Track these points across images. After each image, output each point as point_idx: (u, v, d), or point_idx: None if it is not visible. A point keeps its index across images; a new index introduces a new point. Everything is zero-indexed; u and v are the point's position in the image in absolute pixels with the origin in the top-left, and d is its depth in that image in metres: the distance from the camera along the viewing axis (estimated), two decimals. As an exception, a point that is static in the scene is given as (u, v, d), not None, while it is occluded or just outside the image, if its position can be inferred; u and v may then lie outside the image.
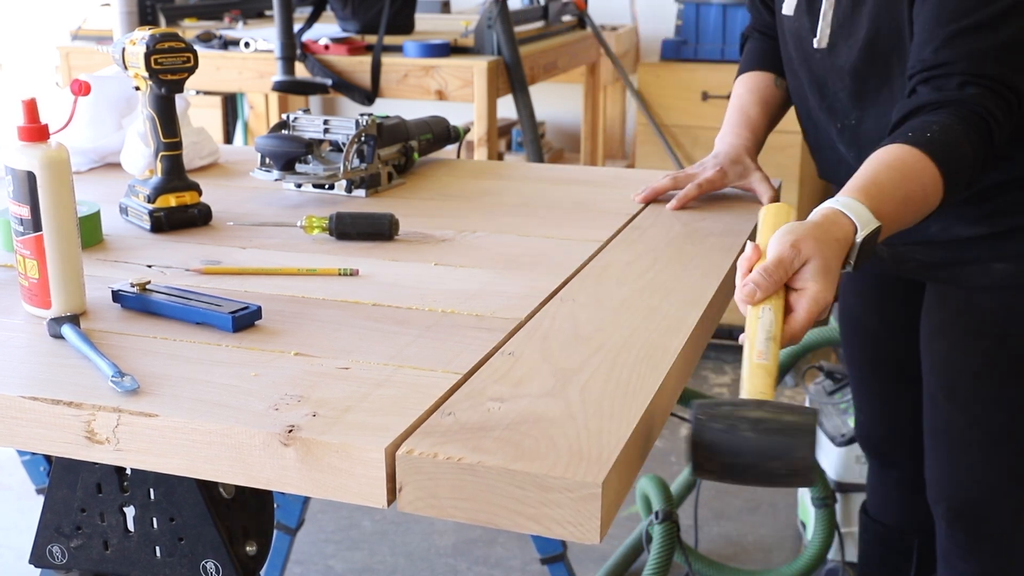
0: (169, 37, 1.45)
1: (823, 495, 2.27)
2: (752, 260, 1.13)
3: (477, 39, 2.95)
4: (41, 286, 1.17)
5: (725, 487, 2.83)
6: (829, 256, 1.12)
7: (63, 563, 1.16)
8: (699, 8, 3.61)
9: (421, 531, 2.65)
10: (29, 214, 1.15)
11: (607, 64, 3.75)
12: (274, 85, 2.89)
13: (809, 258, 1.11)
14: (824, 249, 1.12)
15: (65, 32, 3.40)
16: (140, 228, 1.51)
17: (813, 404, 2.53)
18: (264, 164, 1.67)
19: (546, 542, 2.18)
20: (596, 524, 0.84)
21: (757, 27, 1.76)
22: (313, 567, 2.53)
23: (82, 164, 1.86)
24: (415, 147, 1.81)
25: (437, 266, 1.35)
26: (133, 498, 1.12)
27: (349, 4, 3.04)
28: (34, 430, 0.98)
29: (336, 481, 0.89)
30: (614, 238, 1.46)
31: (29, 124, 1.15)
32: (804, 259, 1.11)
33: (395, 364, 1.05)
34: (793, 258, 1.10)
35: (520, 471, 0.85)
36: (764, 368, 1.02)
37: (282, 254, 1.40)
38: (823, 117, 1.57)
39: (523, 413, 0.94)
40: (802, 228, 1.13)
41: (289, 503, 2.23)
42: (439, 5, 3.93)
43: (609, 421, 0.93)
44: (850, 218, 1.17)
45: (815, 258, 1.11)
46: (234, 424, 0.92)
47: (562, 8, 3.53)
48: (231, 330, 1.12)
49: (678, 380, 1.09)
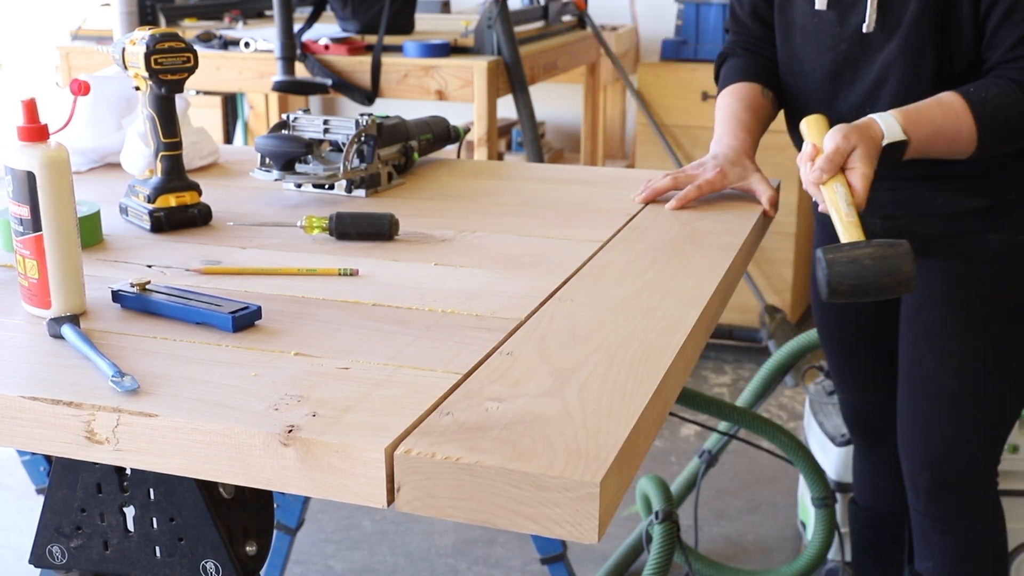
0: (169, 37, 1.45)
1: (823, 495, 2.26)
2: (811, 155, 1.45)
3: (477, 39, 2.96)
4: (41, 286, 1.17)
5: (725, 487, 2.83)
6: (871, 145, 1.44)
7: (63, 563, 1.16)
8: (699, 8, 3.61)
9: (421, 531, 2.65)
10: (29, 214, 1.15)
11: (607, 64, 3.75)
12: (274, 85, 2.89)
13: (856, 145, 1.43)
14: (867, 140, 1.44)
15: (65, 32, 3.40)
16: (140, 228, 1.51)
17: (813, 404, 2.53)
18: (264, 164, 1.68)
19: (546, 542, 2.18)
20: (594, 524, 0.84)
21: (741, 45, 1.79)
22: (313, 567, 2.53)
23: (82, 164, 1.86)
24: (415, 147, 1.81)
25: (437, 266, 1.35)
26: (133, 498, 1.12)
27: (349, 4, 3.04)
28: (34, 430, 0.98)
29: (336, 481, 0.89)
30: (614, 238, 1.46)
31: (29, 124, 1.15)
32: (852, 146, 1.43)
33: (395, 364, 1.05)
34: (846, 146, 1.42)
35: (518, 471, 0.85)
36: (854, 223, 1.39)
37: (282, 254, 1.40)
38: (839, 108, 1.63)
39: (521, 413, 0.94)
40: (849, 126, 1.44)
41: (289, 503, 2.23)
42: (439, 5, 3.93)
43: (607, 421, 0.93)
44: (880, 125, 1.45)
45: (860, 145, 1.43)
46: (234, 424, 0.92)
47: (562, 8, 3.53)
48: (231, 330, 1.12)
49: (676, 380, 1.09)
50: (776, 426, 2.26)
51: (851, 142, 1.43)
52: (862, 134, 1.44)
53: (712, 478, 2.80)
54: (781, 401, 3.34)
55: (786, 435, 2.25)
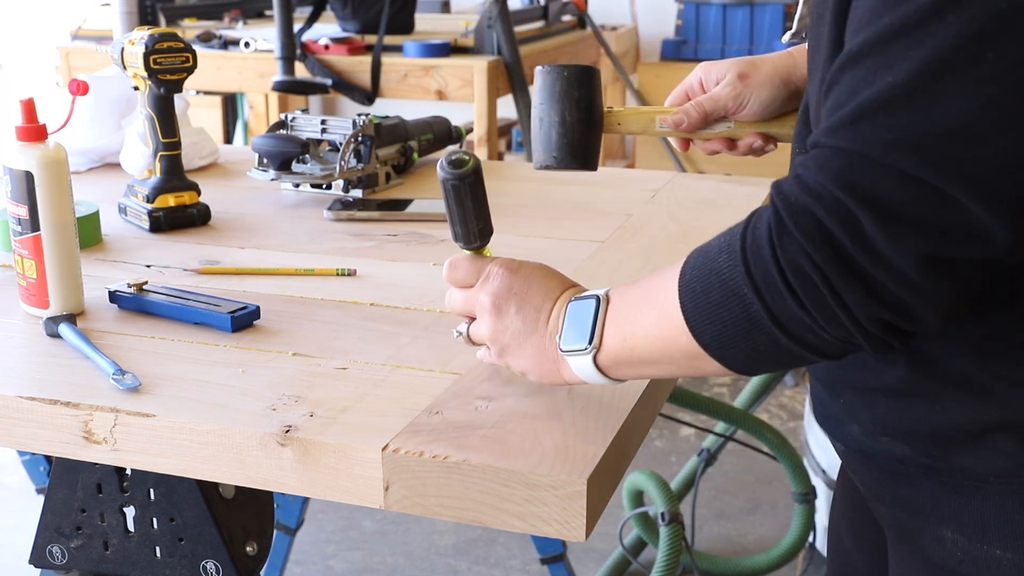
0: (168, 37, 1.45)
1: (804, 491, 2.35)
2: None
3: (477, 39, 2.95)
4: (39, 286, 1.17)
5: (724, 487, 2.83)
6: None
7: (63, 563, 1.16)
8: (699, 8, 3.61)
9: (421, 531, 2.65)
10: (27, 214, 1.15)
11: (607, 64, 3.75)
12: (274, 85, 2.89)
13: None
14: None
15: (65, 32, 3.40)
16: (139, 228, 1.51)
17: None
18: (261, 164, 1.68)
19: (546, 542, 2.18)
20: (581, 522, 0.84)
21: None
22: (313, 567, 2.53)
23: (81, 164, 1.86)
24: (415, 147, 1.81)
25: (435, 266, 1.35)
26: (133, 498, 1.12)
27: (349, 4, 3.04)
28: (32, 430, 0.98)
29: (333, 481, 0.89)
30: (612, 237, 1.46)
31: (27, 124, 1.15)
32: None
33: (393, 364, 1.05)
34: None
35: (505, 469, 0.85)
36: None
37: (280, 254, 1.40)
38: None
39: (510, 411, 0.94)
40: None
41: (289, 503, 2.23)
42: (439, 5, 3.93)
43: (595, 419, 0.93)
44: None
45: None
46: (231, 424, 0.92)
47: (562, 8, 3.53)
48: (229, 330, 1.12)
49: (667, 379, 1.09)
50: (762, 423, 2.32)
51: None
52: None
53: (711, 478, 2.79)
54: (781, 401, 3.34)
55: (772, 432, 2.32)
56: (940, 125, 0.73)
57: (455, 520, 0.87)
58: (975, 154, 0.73)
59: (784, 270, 0.77)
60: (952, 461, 0.90)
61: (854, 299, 0.76)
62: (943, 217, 0.74)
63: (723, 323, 0.81)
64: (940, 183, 0.73)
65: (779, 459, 2.33)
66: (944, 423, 0.88)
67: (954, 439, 0.88)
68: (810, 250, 0.75)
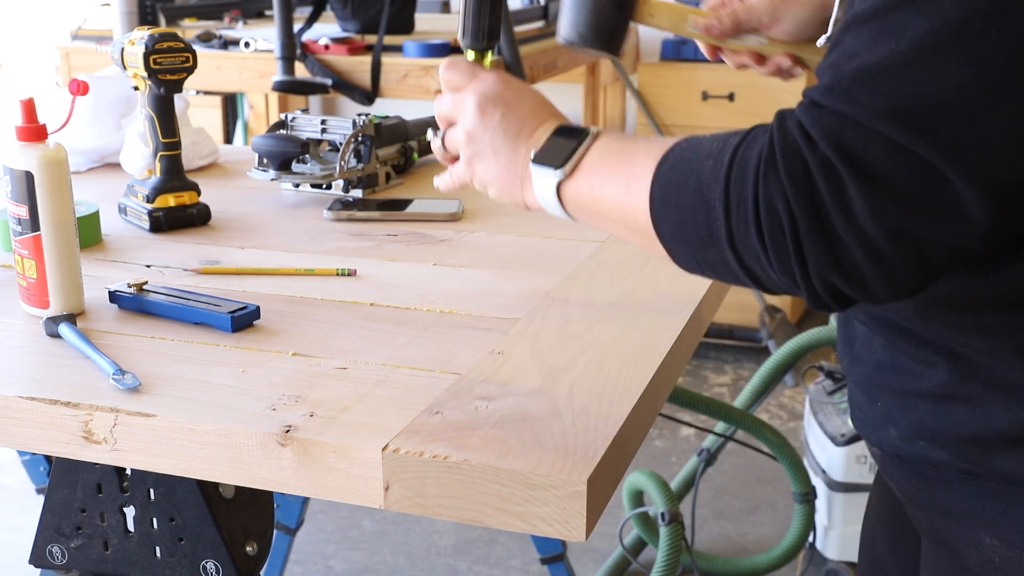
0: (168, 37, 1.45)
1: (804, 491, 2.35)
2: None
3: (477, 39, 2.95)
4: (39, 286, 1.17)
5: (724, 487, 2.83)
6: None
7: (63, 563, 1.16)
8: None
9: (421, 531, 2.65)
10: (27, 214, 1.15)
11: (607, 64, 3.75)
12: (274, 85, 2.89)
13: None
14: None
15: (65, 32, 3.40)
16: (139, 228, 1.51)
17: (813, 404, 2.53)
18: (261, 164, 1.68)
19: (546, 542, 2.18)
20: (582, 522, 0.84)
21: None
22: (313, 567, 2.53)
23: (81, 164, 1.86)
24: (415, 147, 1.81)
25: (435, 266, 1.35)
26: (133, 498, 1.12)
27: (349, 4, 3.04)
28: (32, 430, 0.98)
29: (333, 481, 0.89)
30: (612, 237, 1.46)
31: (27, 124, 1.15)
32: None
33: (393, 364, 1.05)
34: None
35: (506, 469, 0.85)
36: None
37: (280, 254, 1.40)
38: None
39: (510, 411, 0.94)
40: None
41: (289, 503, 2.23)
42: (439, 5, 3.93)
43: (596, 419, 0.93)
44: None
45: None
46: (231, 424, 0.92)
47: (562, 8, 3.53)
48: (230, 330, 1.12)
49: (667, 379, 1.09)
50: (762, 423, 2.33)
51: None
52: None
53: (711, 478, 2.80)
54: (781, 401, 3.34)
55: (772, 432, 2.33)
56: (937, 98, 0.73)
57: (455, 520, 0.87)
58: (969, 131, 0.72)
59: (759, 204, 0.77)
60: (991, 465, 0.89)
61: (814, 256, 0.76)
62: (928, 192, 0.73)
63: (684, 223, 0.83)
64: (930, 156, 0.73)
65: (779, 459, 2.34)
66: (984, 427, 0.88)
67: (994, 443, 0.88)
68: (790, 196, 0.76)
